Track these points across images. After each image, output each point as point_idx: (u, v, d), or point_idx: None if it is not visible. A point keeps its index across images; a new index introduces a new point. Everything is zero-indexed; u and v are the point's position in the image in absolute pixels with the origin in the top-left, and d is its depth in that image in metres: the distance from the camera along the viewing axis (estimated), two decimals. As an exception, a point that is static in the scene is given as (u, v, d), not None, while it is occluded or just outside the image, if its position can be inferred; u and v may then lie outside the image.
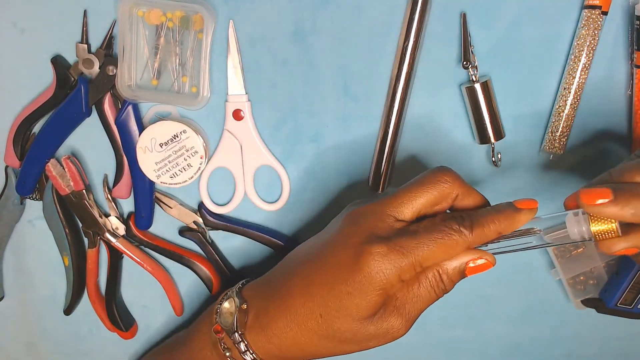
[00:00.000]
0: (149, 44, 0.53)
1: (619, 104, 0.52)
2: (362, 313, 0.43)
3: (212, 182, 0.57)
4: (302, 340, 0.45)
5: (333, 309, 0.43)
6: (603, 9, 0.49)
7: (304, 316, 0.44)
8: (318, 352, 0.46)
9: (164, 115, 0.55)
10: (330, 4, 0.51)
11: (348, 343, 0.44)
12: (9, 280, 0.62)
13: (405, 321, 0.43)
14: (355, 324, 0.43)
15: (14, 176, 0.57)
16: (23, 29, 0.54)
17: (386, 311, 0.43)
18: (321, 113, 0.54)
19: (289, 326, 0.45)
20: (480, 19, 0.51)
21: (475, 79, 0.51)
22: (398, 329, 0.43)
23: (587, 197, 0.39)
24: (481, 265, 0.43)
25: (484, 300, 0.59)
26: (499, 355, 0.62)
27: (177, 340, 0.55)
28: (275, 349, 0.46)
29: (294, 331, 0.45)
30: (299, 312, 0.45)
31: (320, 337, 0.44)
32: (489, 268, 0.43)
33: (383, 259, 0.41)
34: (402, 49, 0.51)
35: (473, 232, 0.41)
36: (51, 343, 0.65)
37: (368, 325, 0.43)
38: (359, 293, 0.42)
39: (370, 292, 0.42)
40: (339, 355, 0.46)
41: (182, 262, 0.58)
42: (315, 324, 0.44)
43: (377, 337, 0.44)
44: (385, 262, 0.41)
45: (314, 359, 0.47)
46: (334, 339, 0.44)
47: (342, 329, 0.43)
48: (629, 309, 0.55)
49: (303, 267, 0.46)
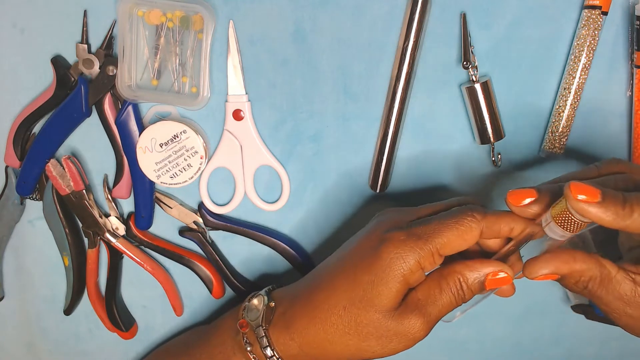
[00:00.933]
0: (149, 44, 0.53)
1: (619, 104, 0.52)
2: (384, 302, 0.43)
3: (212, 182, 0.57)
4: (324, 337, 0.45)
5: (356, 300, 0.44)
6: (603, 9, 0.49)
7: (327, 311, 0.45)
8: (339, 352, 0.46)
9: (164, 115, 0.55)
10: (330, 4, 0.51)
11: (369, 339, 0.44)
12: (9, 280, 0.62)
13: (425, 322, 0.44)
14: (378, 316, 0.43)
15: (14, 176, 0.57)
16: (23, 29, 0.54)
17: (407, 307, 0.44)
18: (321, 113, 0.54)
19: (312, 322, 0.46)
20: (480, 19, 0.51)
21: (475, 79, 0.51)
22: (418, 329, 0.44)
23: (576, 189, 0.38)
24: (501, 279, 0.43)
25: (484, 300, 0.59)
26: (499, 355, 0.62)
27: (195, 335, 0.55)
28: (296, 346, 0.46)
29: (316, 327, 0.45)
30: (323, 307, 0.45)
31: (343, 333, 0.45)
32: (508, 283, 0.43)
33: (403, 245, 0.43)
34: (402, 49, 0.51)
35: (486, 217, 0.42)
36: (51, 343, 0.65)
37: (390, 319, 0.43)
38: (380, 281, 0.43)
39: (392, 280, 0.43)
40: (359, 357, 0.46)
41: (182, 262, 0.58)
42: (338, 318, 0.45)
43: (398, 336, 0.44)
44: (404, 249, 0.43)
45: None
46: (356, 334, 0.44)
47: (364, 321, 0.44)
48: None
49: (329, 267, 0.47)
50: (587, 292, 0.41)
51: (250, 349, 0.48)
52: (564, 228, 0.39)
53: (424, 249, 0.42)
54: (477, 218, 0.43)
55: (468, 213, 0.43)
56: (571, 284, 0.41)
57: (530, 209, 0.41)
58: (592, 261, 0.40)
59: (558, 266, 0.40)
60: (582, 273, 0.40)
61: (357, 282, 0.44)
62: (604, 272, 0.40)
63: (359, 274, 0.44)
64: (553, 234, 0.40)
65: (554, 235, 0.40)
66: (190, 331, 0.58)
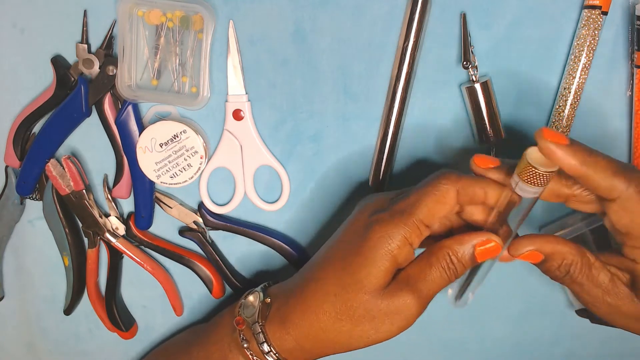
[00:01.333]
0: (149, 44, 0.53)
1: (619, 104, 0.52)
2: (373, 282, 0.43)
3: (212, 182, 0.57)
4: (317, 327, 0.45)
5: (346, 285, 0.44)
6: (603, 9, 0.49)
7: (319, 299, 0.45)
8: (334, 341, 0.46)
9: (164, 115, 0.55)
10: (330, 4, 0.51)
11: (362, 323, 0.44)
12: (9, 280, 0.62)
13: (417, 299, 0.44)
14: (368, 296, 0.44)
15: (14, 176, 0.57)
16: (23, 29, 0.54)
17: (398, 285, 0.44)
18: (321, 113, 0.54)
19: (306, 314, 0.46)
20: (480, 19, 0.51)
21: (475, 79, 0.51)
22: (410, 305, 0.44)
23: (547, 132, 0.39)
24: (490, 249, 0.43)
25: (485, 300, 0.59)
26: (499, 355, 0.62)
27: (193, 334, 0.55)
28: (292, 340, 0.46)
29: (310, 318, 0.45)
30: (315, 297, 0.45)
31: (335, 320, 0.45)
32: (499, 252, 0.43)
33: (387, 223, 0.43)
34: (402, 49, 0.51)
35: (460, 178, 0.43)
36: (51, 343, 0.65)
37: (380, 299, 0.44)
38: (369, 262, 0.43)
39: (380, 259, 0.43)
40: (355, 345, 0.46)
41: (182, 262, 0.58)
42: (330, 305, 0.45)
43: (391, 316, 0.44)
44: (389, 226, 0.43)
45: (330, 353, 0.47)
46: (349, 319, 0.44)
47: (355, 304, 0.44)
48: None
49: (319, 258, 0.48)
50: (568, 278, 0.42)
51: (247, 345, 0.48)
52: (531, 183, 0.39)
53: (408, 222, 0.43)
54: (452, 179, 0.43)
55: (441, 177, 0.43)
56: (554, 268, 0.42)
57: (492, 174, 0.42)
58: (575, 247, 0.42)
59: (542, 244, 0.42)
60: (564, 256, 0.42)
61: (346, 268, 0.44)
62: (584, 260, 0.42)
63: (347, 259, 0.44)
64: (525, 193, 0.40)
65: (526, 194, 0.40)
66: (188, 330, 0.58)
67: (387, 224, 0.43)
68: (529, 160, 0.38)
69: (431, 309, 0.60)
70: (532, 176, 0.39)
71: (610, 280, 0.42)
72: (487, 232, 0.43)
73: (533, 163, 0.38)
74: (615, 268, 0.43)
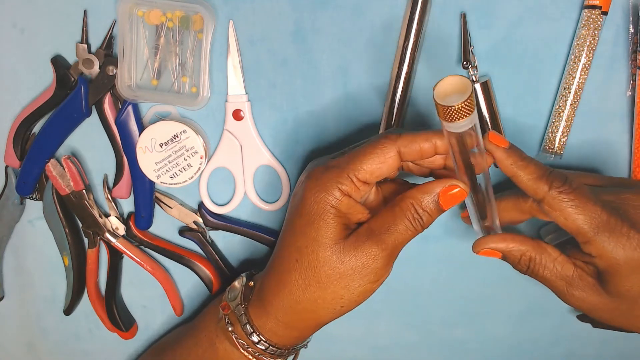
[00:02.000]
0: (149, 44, 0.53)
1: (619, 104, 0.52)
2: (327, 236, 0.43)
3: (212, 182, 0.57)
4: (291, 299, 0.45)
5: (303, 247, 0.44)
6: (603, 9, 0.49)
7: (285, 271, 0.45)
8: (310, 310, 0.45)
9: (164, 115, 0.55)
10: (330, 4, 0.51)
11: (330, 285, 0.44)
12: (9, 280, 0.62)
13: (381, 250, 0.43)
14: (328, 252, 0.43)
15: (14, 176, 0.57)
16: (23, 29, 0.54)
17: (359, 237, 0.43)
18: (321, 113, 0.54)
19: (278, 288, 0.46)
20: (480, 19, 0.51)
21: (475, 79, 0.51)
22: (375, 256, 0.43)
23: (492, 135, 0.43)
24: (456, 194, 0.43)
25: (484, 300, 0.59)
26: (499, 355, 0.62)
27: (186, 326, 0.56)
28: (273, 318, 0.46)
29: (283, 292, 0.45)
30: (280, 270, 0.46)
31: (304, 287, 0.44)
32: (464, 197, 0.43)
33: (321, 177, 0.44)
34: (402, 49, 0.51)
35: (401, 136, 0.43)
36: (51, 343, 0.65)
37: (342, 253, 0.43)
38: (315, 217, 0.43)
39: (323, 212, 0.43)
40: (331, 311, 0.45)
41: (182, 262, 0.58)
42: (296, 274, 0.44)
43: (358, 271, 0.43)
44: (324, 180, 0.43)
45: (313, 326, 0.47)
46: (316, 284, 0.44)
47: (318, 264, 0.43)
48: None
49: (281, 233, 0.47)
50: (530, 273, 0.45)
51: (231, 329, 0.48)
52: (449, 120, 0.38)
53: (342, 175, 0.43)
54: (392, 139, 0.43)
55: (382, 136, 0.44)
56: (515, 263, 0.45)
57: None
58: (532, 244, 0.44)
59: (497, 243, 0.44)
60: (522, 252, 0.44)
61: (298, 230, 0.44)
62: (545, 255, 0.44)
63: (296, 223, 0.44)
64: (453, 129, 0.39)
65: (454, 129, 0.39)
66: (184, 325, 0.59)
67: (321, 178, 0.43)
68: (435, 99, 0.38)
69: (431, 309, 0.60)
70: (444, 112, 0.38)
71: (574, 273, 0.43)
72: (449, 179, 0.43)
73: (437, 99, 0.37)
74: (582, 262, 0.44)
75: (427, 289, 0.59)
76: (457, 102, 0.37)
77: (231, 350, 0.48)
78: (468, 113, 0.37)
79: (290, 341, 0.48)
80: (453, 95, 0.37)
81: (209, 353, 0.50)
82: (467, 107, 0.37)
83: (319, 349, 0.62)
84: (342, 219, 0.44)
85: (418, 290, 0.59)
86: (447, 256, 0.58)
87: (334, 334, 0.61)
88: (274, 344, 0.47)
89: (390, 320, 0.61)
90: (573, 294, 0.44)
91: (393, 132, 0.44)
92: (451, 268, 0.58)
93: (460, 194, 0.43)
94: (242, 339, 0.48)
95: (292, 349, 0.49)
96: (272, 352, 0.48)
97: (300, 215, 0.44)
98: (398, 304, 0.60)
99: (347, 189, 0.43)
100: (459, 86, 0.37)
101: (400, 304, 0.60)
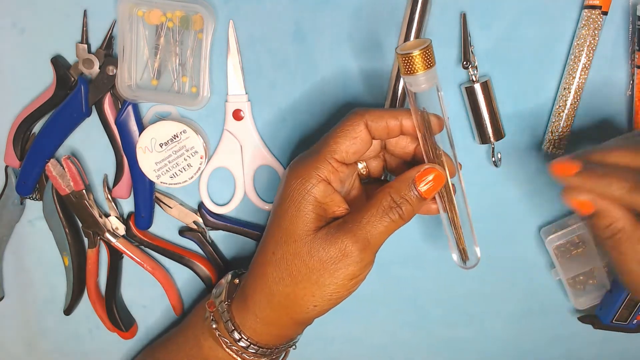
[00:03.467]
0: (149, 44, 0.53)
1: (619, 104, 0.52)
2: (300, 226, 0.42)
3: (212, 182, 0.57)
4: (267, 292, 0.45)
5: (280, 240, 0.43)
6: (603, 9, 0.49)
7: (262, 264, 0.45)
8: (285, 305, 0.44)
9: (164, 115, 0.55)
10: (330, 4, 0.51)
11: (303, 281, 0.43)
12: (9, 280, 0.62)
13: (353, 242, 0.41)
14: (299, 244, 0.42)
15: (14, 176, 0.57)
16: (23, 29, 0.54)
17: (331, 229, 0.42)
18: (321, 113, 0.54)
19: (256, 282, 0.45)
20: (480, 19, 0.51)
21: (475, 79, 0.51)
22: (345, 249, 0.41)
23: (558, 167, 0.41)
24: (433, 180, 0.42)
25: (484, 300, 0.59)
26: (499, 355, 0.61)
27: (180, 322, 0.56)
28: (252, 315, 0.46)
29: (260, 287, 0.45)
30: (259, 262, 0.45)
31: (278, 280, 0.44)
32: (443, 182, 0.42)
33: (298, 165, 0.44)
34: (402, 49, 0.51)
35: (368, 111, 0.43)
36: (51, 343, 0.65)
37: (314, 246, 0.42)
38: (290, 206, 0.43)
39: (299, 200, 0.43)
40: (304, 308, 0.44)
41: (182, 262, 0.58)
42: (272, 267, 0.44)
43: (328, 265, 0.42)
44: (301, 168, 0.43)
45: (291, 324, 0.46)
46: (290, 278, 0.43)
47: (290, 257, 0.43)
48: (625, 324, 0.56)
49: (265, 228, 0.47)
50: (611, 242, 0.41)
51: (215, 326, 0.48)
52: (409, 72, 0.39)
53: (319, 159, 0.43)
54: (359, 113, 0.43)
55: (350, 114, 0.44)
56: (602, 226, 0.40)
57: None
58: (631, 217, 0.40)
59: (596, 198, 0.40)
60: (617, 218, 0.40)
61: (276, 222, 0.44)
62: (636, 232, 0.40)
63: (276, 213, 0.44)
64: (415, 87, 0.40)
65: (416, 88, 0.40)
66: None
67: (299, 166, 0.43)
68: (397, 51, 0.39)
69: (431, 309, 0.60)
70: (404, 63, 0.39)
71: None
72: (425, 164, 0.43)
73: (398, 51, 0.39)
74: None
75: (426, 289, 0.59)
76: (416, 50, 0.38)
77: (216, 347, 0.48)
78: (428, 65, 0.39)
79: (272, 339, 0.47)
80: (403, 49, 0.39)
81: (195, 350, 0.50)
82: (426, 57, 0.39)
83: (317, 348, 0.62)
84: (318, 210, 0.43)
85: (417, 290, 0.59)
86: (447, 256, 0.58)
87: (332, 334, 0.61)
88: (255, 342, 0.47)
89: (388, 320, 0.61)
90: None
91: (359, 108, 0.44)
92: (450, 268, 0.58)
93: (437, 177, 0.42)
94: (225, 336, 0.48)
95: (277, 349, 0.49)
96: (254, 350, 0.47)
97: (279, 204, 0.44)
98: (397, 303, 0.60)
99: (325, 173, 0.43)
100: (420, 43, 0.39)
101: (400, 304, 0.60)
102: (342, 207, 0.44)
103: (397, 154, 0.47)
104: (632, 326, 0.56)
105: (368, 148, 0.44)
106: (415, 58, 0.39)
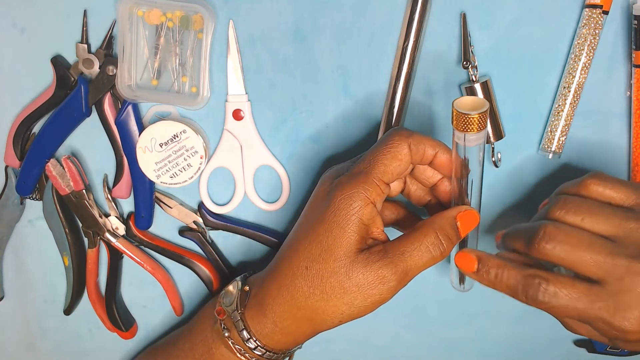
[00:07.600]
0: (149, 44, 0.53)
1: (618, 104, 0.52)
2: (342, 246, 0.43)
3: (212, 182, 0.57)
4: (292, 304, 0.45)
5: (316, 255, 0.43)
6: (604, 8, 0.49)
7: (291, 276, 0.45)
8: (309, 318, 0.45)
9: (164, 115, 0.55)
10: (330, 4, 0.51)
11: (334, 297, 0.43)
12: (9, 280, 0.62)
13: (395, 273, 0.42)
14: (338, 264, 0.43)
15: (14, 176, 0.57)
16: (23, 29, 0.54)
17: (372, 257, 0.43)
18: (321, 113, 0.54)
19: (280, 292, 0.45)
20: (480, 19, 0.51)
21: (475, 79, 0.51)
22: (387, 280, 0.42)
23: None
24: (470, 217, 0.44)
25: (484, 300, 0.59)
26: (499, 355, 0.61)
27: (181, 330, 0.56)
28: (270, 323, 0.46)
29: (284, 296, 0.45)
30: (287, 274, 0.45)
31: (308, 295, 0.44)
32: (477, 221, 0.44)
33: (346, 185, 0.43)
34: (402, 49, 0.51)
35: (412, 135, 0.44)
36: (51, 343, 0.65)
37: (353, 268, 0.43)
38: (334, 225, 0.43)
39: (344, 220, 0.43)
40: (330, 322, 0.45)
41: (182, 262, 0.58)
42: (302, 280, 0.44)
43: (364, 289, 0.42)
44: (349, 187, 0.43)
45: (309, 332, 0.46)
46: (321, 294, 0.43)
47: (326, 274, 0.43)
48: (617, 352, 0.58)
49: (290, 236, 0.47)
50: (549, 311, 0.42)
51: (228, 334, 0.48)
52: (463, 130, 0.41)
53: (367, 181, 0.43)
54: (404, 135, 0.44)
55: (393, 133, 0.44)
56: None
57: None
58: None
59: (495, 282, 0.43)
60: None
61: (314, 238, 0.44)
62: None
63: (315, 229, 0.44)
64: (466, 142, 0.42)
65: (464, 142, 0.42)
66: (180, 328, 0.58)
67: (347, 186, 0.43)
68: (456, 108, 0.41)
69: (431, 309, 0.60)
70: (461, 122, 0.41)
71: None
72: (464, 206, 0.44)
73: (458, 109, 0.41)
74: None
75: (426, 289, 0.59)
76: (475, 113, 0.40)
77: (228, 355, 0.48)
78: (481, 127, 0.41)
79: (286, 346, 0.48)
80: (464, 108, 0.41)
81: (206, 357, 0.50)
82: (482, 120, 0.40)
83: (319, 349, 0.62)
84: (362, 231, 0.43)
85: (418, 291, 0.59)
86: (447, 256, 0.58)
87: (333, 334, 0.61)
88: (271, 349, 0.47)
89: (389, 321, 0.61)
90: None
91: (402, 129, 0.45)
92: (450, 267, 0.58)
93: (474, 217, 0.44)
94: (239, 344, 0.47)
95: (288, 352, 0.49)
96: (268, 357, 0.48)
97: (322, 221, 0.44)
98: (397, 304, 0.60)
99: (372, 195, 0.43)
100: (477, 103, 0.41)
101: (400, 304, 0.60)
102: (380, 229, 0.45)
103: (420, 180, 0.48)
104: (624, 353, 0.58)
105: (406, 171, 0.45)
106: (472, 119, 0.40)
